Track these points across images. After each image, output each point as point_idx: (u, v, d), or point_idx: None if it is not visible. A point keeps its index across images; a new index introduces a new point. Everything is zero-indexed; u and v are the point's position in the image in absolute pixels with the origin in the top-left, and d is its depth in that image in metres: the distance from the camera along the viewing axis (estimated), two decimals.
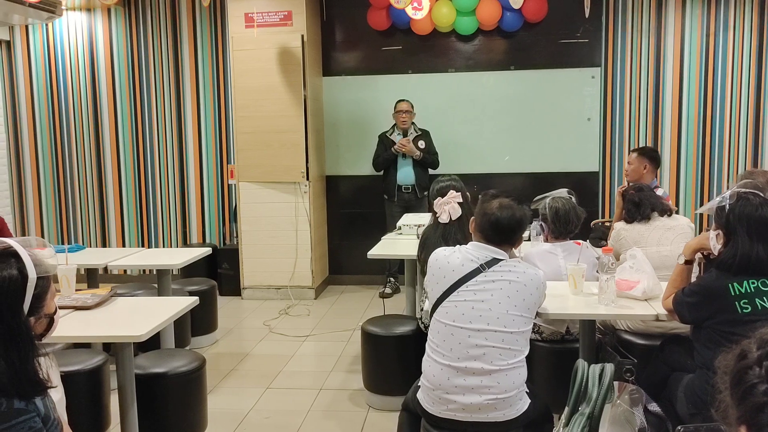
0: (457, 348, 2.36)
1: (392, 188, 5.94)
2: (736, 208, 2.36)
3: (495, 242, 2.48)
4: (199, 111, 6.45)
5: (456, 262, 2.46)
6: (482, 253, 2.46)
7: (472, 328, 2.35)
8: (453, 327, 2.38)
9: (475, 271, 2.42)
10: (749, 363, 0.94)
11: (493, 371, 2.33)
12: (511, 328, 2.35)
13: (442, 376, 2.37)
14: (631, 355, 3.10)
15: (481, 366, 2.33)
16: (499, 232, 2.47)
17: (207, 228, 6.59)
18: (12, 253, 1.59)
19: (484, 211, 2.50)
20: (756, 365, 0.93)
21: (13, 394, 1.51)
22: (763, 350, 0.94)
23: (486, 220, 2.48)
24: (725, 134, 6.02)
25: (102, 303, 3.03)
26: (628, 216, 3.54)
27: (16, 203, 6.73)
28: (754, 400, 0.91)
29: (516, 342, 2.37)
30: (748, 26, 5.89)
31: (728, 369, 0.97)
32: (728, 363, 0.98)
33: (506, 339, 2.34)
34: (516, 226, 2.49)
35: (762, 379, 0.91)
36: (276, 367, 4.39)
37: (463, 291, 2.40)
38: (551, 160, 6.14)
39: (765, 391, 0.90)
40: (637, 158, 4.48)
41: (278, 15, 5.77)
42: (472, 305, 2.37)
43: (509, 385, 2.35)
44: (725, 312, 2.34)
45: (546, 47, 6.07)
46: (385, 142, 5.92)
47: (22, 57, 6.56)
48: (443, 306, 2.43)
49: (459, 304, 2.39)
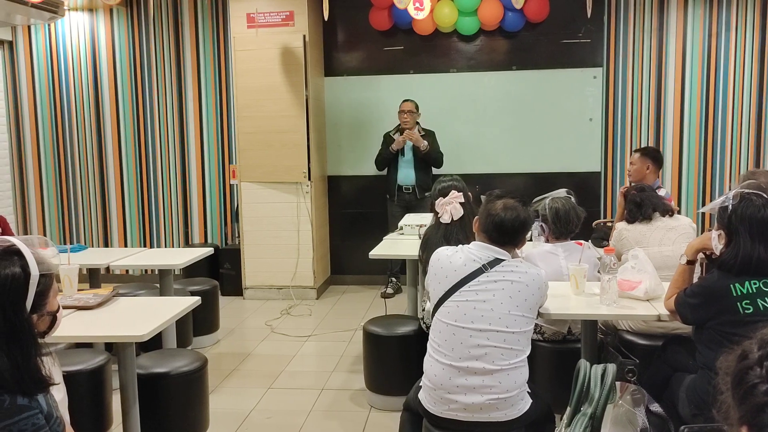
0: (458, 348, 2.36)
1: (393, 188, 5.92)
2: (739, 208, 2.36)
3: (499, 243, 2.47)
4: (201, 111, 6.45)
5: (458, 261, 2.46)
6: (485, 253, 2.46)
7: (474, 328, 2.35)
8: (455, 327, 2.38)
9: (477, 271, 2.41)
10: (750, 363, 0.94)
11: (495, 371, 2.33)
12: (513, 328, 2.35)
13: (443, 375, 2.37)
14: (633, 356, 3.09)
15: (482, 366, 2.33)
16: (503, 233, 2.46)
17: (209, 228, 6.59)
18: (15, 251, 1.61)
19: (489, 211, 2.50)
20: (757, 365, 0.93)
21: (16, 390, 1.52)
22: (763, 351, 0.94)
23: (490, 221, 2.47)
24: (727, 134, 6.01)
25: (104, 303, 3.03)
26: (629, 216, 3.54)
27: (19, 203, 6.74)
28: (755, 401, 0.91)
29: (518, 342, 2.37)
30: (750, 26, 5.88)
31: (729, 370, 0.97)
32: (729, 364, 0.98)
33: (508, 339, 2.34)
34: (520, 228, 2.49)
35: (763, 379, 0.92)
36: (278, 367, 4.40)
37: (465, 291, 2.40)
38: (553, 161, 6.14)
39: (766, 391, 0.90)
40: (639, 158, 4.47)
41: (280, 15, 5.78)
42: (474, 305, 2.37)
43: (511, 385, 2.35)
44: (727, 313, 2.34)
45: (548, 47, 6.07)
46: (387, 141, 5.92)
47: (24, 57, 6.57)
48: (445, 306, 2.43)
49: (461, 304, 2.39)
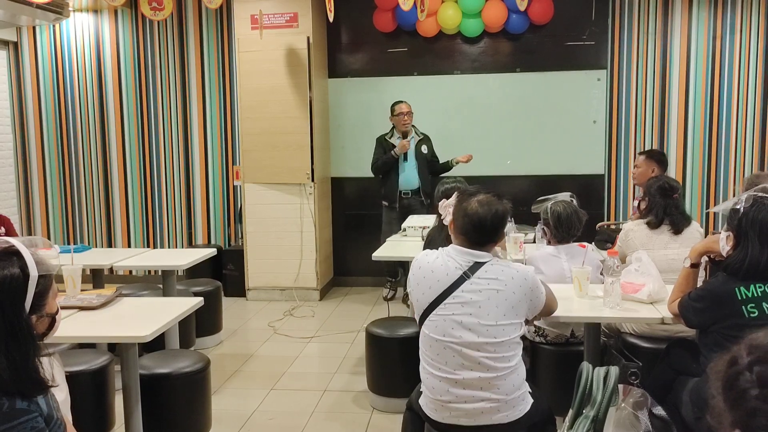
0: (451, 361, 2.32)
1: (393, 193, 5.72)
2: (750, 212, 2.34)
3: (477, 244, 2.37)
4: (205, 112, 6.46)
5: (440, 270, 2.36)
6: (465, 258, 2.36)
7: (463, 342, 2.30)
8: (444, 342, 2.32)
9: (459, 280, 2.32)
10: (740, 369, 0.95)
11: (491, 378, 2.30)
12: (501, 338, 2.30)
13: (441, 387, 2.35)
14: (636, 359, 3.09)
15: (478, 375, 2.30)
16: (483, 233, 2.36)
17: (212, 229, 6.60)
18: (14, 251, 1.61)
19: (465, 211, 2.37)
20: (747, 370, 0.94)
21: (14, 392, 1.51)
22: (753, 356, 0.95)
23: (468, 221, 2.36)
24: (732, 137, 6.00)
25: (107, 303, 3.03)
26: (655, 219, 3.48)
27: (23, 204, 6.76)
28: (746, 405, 0.92)
29: (508, 348, 2.32)
30: (755, 29, 5.87)
31: (720, 375, 0.99)
32: (719, 369, 1.00)
33: (498, 349, 2.30)
34: (499, 223, 2.38)
35: (753, 384, 0.93)
36: (280, 368, 4.39)
37: (450, 303, 2.31)
38: (557, 163, 6.12)
39: (757, 395, 0.92)
40: (644, 161, 4.46)
41: (284, 17, 5.78)
42: (460, 319, 2.30)
43: (509, 388, 2.33)
44: (732, 316, 2.33)
45: (552, 49, 6.06)
46: (384, 146, 5.73)
47: (29, 58, 6.59)
48: (431, 319, 2.35)
49: (447, 318, 2.31)
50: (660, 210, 3.46)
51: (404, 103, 5.73)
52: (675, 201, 3.48)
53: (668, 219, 3.44)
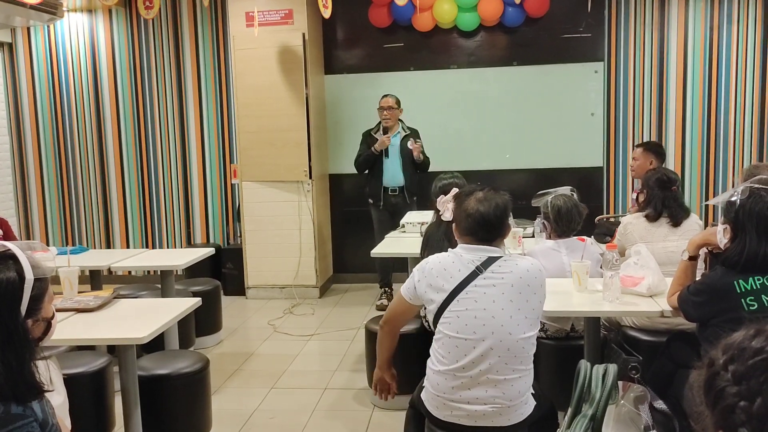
0: (462, 359, 2.29)
1: (378, 191, 5.53)
2: (747, 204, 2.32)
3: (486, 240, 2.35)
4: (202, 111, 6.44)
5: (452, 267, 2.34)
6: (476, 254, 2.34)
7: (476, 338, 2.27)
8: (457, 338, 2.30)
9: (472, 275, 2.30)
10: (717, 369, 0.98)
11: (500, 381, 2.28)
12: (517, 335, 2.27)
13: (446, 385, 2.33)
14: (636, 352, 3.08)
15: (486, 377, 2.28)
16: (489, 229, 2.34)
17: (210, 228, 6.58)
18: (10, 255, 1.60)
19: (467, 212, 2.35)
20: (723, 370, 0.97)
21: (9, 397, 1.50)
22: (727, 355, 0.98)
23: (472, 221, 2.33)
24: (730, 128, 5.98)
25: (104, 305, 3.02)
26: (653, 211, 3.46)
27: (20, 205, 6.74)
28: (725, 403, 0.94)
29: (522, 350, 2.29)
30: (752, 19, 5.84)
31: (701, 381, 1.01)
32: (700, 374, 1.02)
33: (512, 347, 2.27)
34: (503, 215, 2.36)
35: (730, 382, 0.95)
36: (280, 366, 4.39)
37: (464, 299, 2.29)
38: (555, 156, 6.11)
39: (735, 393, 0.93)
40: (642, 153, 4.45)
41: (279, 14, 5.76)
42: (474, 314, 2.28)
43: (515, 394, 2.30)
44: (732, 310, 2.31)
45: (548, 42, 6.03)
46: (368, 141, 5.54)
47: (24, 59, 6.57)
48: (445, 317, 2.33)
49: (461, 314, 2.29)
50: (659, 202, 3.44)
51: (389, 96, 5.52)
52: (674, 193, 3.46)
53: (667, 211, 3.43)
